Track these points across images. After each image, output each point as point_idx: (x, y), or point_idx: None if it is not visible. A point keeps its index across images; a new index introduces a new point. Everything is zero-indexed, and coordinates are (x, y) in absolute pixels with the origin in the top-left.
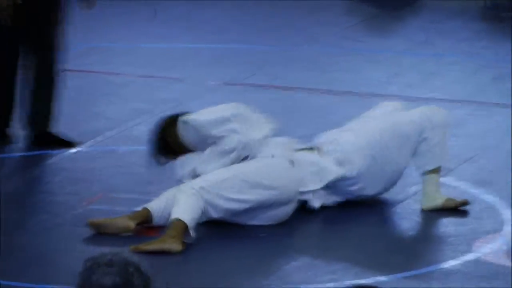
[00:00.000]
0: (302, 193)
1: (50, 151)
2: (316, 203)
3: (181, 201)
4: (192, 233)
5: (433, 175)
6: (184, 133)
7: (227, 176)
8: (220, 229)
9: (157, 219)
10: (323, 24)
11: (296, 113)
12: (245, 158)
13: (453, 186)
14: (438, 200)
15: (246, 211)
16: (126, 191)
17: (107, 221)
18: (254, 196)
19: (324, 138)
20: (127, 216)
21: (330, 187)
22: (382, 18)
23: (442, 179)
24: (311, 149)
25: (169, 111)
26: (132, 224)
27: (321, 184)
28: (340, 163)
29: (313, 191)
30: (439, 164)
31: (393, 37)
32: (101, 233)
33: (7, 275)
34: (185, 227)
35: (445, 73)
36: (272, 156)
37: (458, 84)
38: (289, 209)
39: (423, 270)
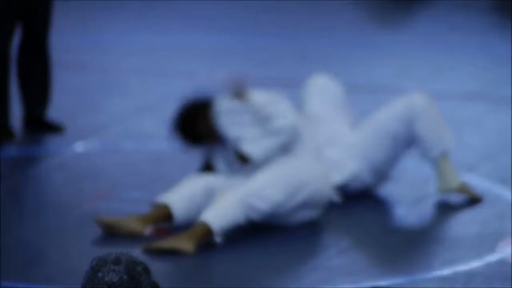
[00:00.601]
0: None
1: (49, 148)
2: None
3: (218, 205)
4: (218, 239)
5: (441, 160)
6: (224, 117)
7: (271, 179)
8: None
9: (179, 218)
10: (329, 16)
11: None
12: (288, 146)
13: (474, 184)
14: (453, 182)
15: (287, 213)
16: (132, 189)
17: (120, 222)
18: (298, 197)
19: (323, 138)
20: (141, 216)
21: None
22: (391, 10)
23: (463, 177)
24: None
25: (176, 107)
26: (142, 228)
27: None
28: (335, 166)
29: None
30: (441, 149)
31: (402, 30)
32: (109, 233)
33: (10, 275)
34: (208, 232)
35: (458, 68)
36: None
37: (472, 79)
38: (317, 212)
39: (444, 271)
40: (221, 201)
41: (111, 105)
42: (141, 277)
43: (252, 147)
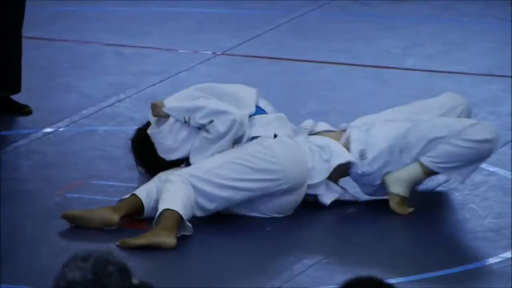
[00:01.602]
0: (310, 186)
1: (16, 131)
2: (326, 198)
3: (170, 191)
4: (187, 224)
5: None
6: (158, 142)
7: (222, 161)
8: (220, 223)
9: (149, 210)
10: None
11: (302, 88)
12: (240, 138)
13: (490, 172)
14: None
15: (245, 201)
16: (107, 177)
17: (86, 214)
18: (254, 183)
19: (356, 123)
20: (110, 207)
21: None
22: None
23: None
24: (332, 132)
25: (154, 86)
26: (115, 217)
27: (326, 174)
28: (361, 155)
29: (320, 184)
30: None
31: (410, 1)
32: (79, 227)
33: None
34: (178, 217)
35: (472, 43)
36: (274, 136)
37: (487, 56)
38: (295, 198)
39: (458, 269)
40: (170, 187)
41: (83, 84)
42: (109, 278)
43: (197, 158)
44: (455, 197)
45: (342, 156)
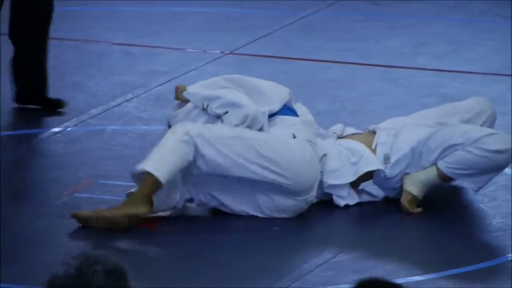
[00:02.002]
0: (333, 186)
1: (24, 131)
2: (341, 201)
3: (164, 147)
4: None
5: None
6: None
7: (236, 135)
8: (227, 221)
9: (166, 202)
10: None
11: (310, 87)
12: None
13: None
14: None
15: (242, 186)
16: (115, 177)
17: (97, 214)
18: (258, 168)
19: (386, 125)
20: (121, 206)
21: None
22: None
23: None
24: (360, 134)
25: (162, 85)
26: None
27: (353, 178)
28: (385, 159)
29: (343, 186)
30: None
31: (419, 0)
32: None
33: None
34: (157, 185)
35: (480, 42)
36: (294, 137)
37: (495, 55)
38: (298, 203)
39: (467, 268)
40: (168, 141)
41: (91, 84)
42: (92, 276)
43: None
44: (464, 197)
45: (372, 163)
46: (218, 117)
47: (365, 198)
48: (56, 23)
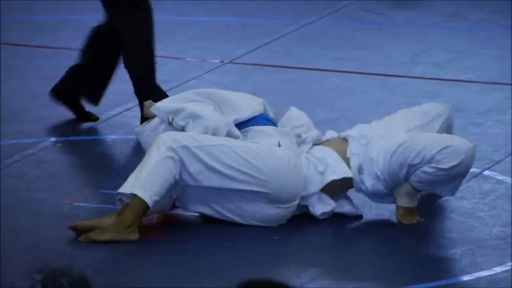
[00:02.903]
0: (303, 197)
1: (24, 140)
2: (316, 210)
3: (150, 166)
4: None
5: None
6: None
7: (221, 142)
8: (223, 229)
9: (155, 208)
10: None
11: (310, 96)
12: None
13: (498, 180)
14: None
15: (227, 194)
16: (115, 186)
17: (96, 223)
18: (243, 177)
19: (356, 132)
20: (116, 214)
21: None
22: None
23: (486, 172)
24: (334, 141)
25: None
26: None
27: (319, 186)
28: (359, 170)
29: (311, 195)
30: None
31: (417, 9)
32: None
33: None
34: (144, 209)
35: (478, 51)
36: (279, 145)
37: (494, 63)
38: (282, 212)
39: (467, 277)
40: (152, 158)
41: None
42: None
43: None
44: (463, 206)
45: (337, 172)
46: (182, 130)
47: (347, 208)
48: (55, 32)
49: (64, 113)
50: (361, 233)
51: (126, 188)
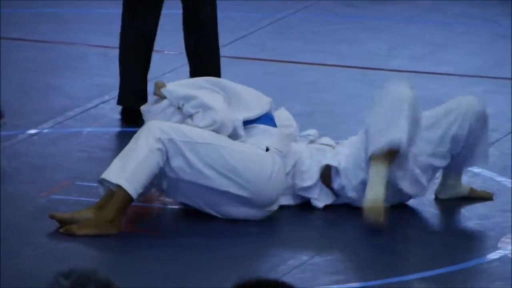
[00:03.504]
0: (305, 188)
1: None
2: (320, 202)
3: (138, 157)
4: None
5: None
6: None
7: (209, 141)
8: (202, 222)
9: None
10: None
11: (287, 89)
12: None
13: (475, 173)
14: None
15: (204, 191)
16: (92, 178)
17: (76, 216)
18: (223, 180)
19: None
20: (95, 206)
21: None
22: None
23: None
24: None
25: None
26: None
27: (317, 174)
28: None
29: (313, 186)
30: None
31: (395, 2)
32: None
33: None
34: (128, 201)
35: (456, 44)
36: (267, 150)
37: (472, 57)
38: (256, 214)
39: (444, 270)
40: (140, 150)
41: (68, 86)
42: None
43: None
44: (440, 198)
45: (332, 159)
46: (190, 116)
47: (344, 200)
48: (30, 25)
49: (40, 106)
50: (340, 225)
51: (111, 175)
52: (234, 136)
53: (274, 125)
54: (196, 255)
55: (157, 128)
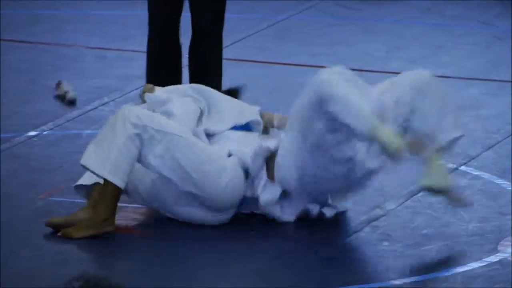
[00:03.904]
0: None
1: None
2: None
3: (118, 146)
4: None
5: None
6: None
7: (182, 134)
8: (194, 227)
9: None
10: None
11: (285, 91)
12: None
13: (475, 176)
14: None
15: (165, 185)
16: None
17: (71, 219)
18: (186, 177)
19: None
20: (89, 205)
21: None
22: None
23: (462, 168)
24: None
25: (138, 89)
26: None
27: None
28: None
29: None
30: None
31: (393, 3)
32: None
33: None
34: (118, 193)
35: (454, 46)
36: (229, 155)
37: (470, 59)
38: (219, 218)
39: (443, 273)
40: (118, 139)
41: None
42: None
43: None
44: (439, 201)
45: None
46: None
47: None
48: (28, 27)
49: (39, 108)
50: (334, 229)
51: (93, 164)
52: None
53: (247, 130)
54: (186, 258)
55: (133, 114)
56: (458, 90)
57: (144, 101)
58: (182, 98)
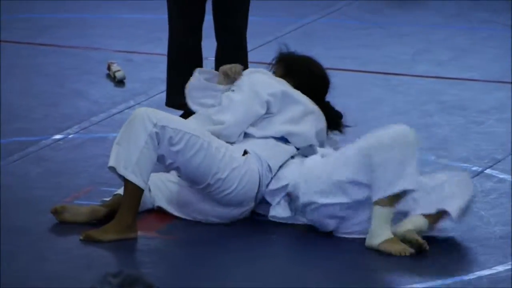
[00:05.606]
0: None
1: (26, 138)
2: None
3: (139, 146)
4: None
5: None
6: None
7: (196, 133)
8: (218, 228)
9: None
10: None
11: None
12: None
13: (500, 179)
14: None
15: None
16: (116, 184)
17: (74, 206)
18: (204, 172)
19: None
20: (97, 205)
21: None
22: None
23: (488, 171)
24: None
25: (164, 93)
26: (103, 209)
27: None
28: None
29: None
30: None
31: (420, 8)
32: (67, 222)
33: None
34: (139, 193)
35: (481, 50)
36: (245, 153)
37: (496, 62)
38: (231, 212)
39: (466, 277)
40: (139, 142)
41: (93, 91)
42: None
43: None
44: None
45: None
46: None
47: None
48: (55, 30)
49: (65, 111)
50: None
51: (118, 164)
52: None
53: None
54: (208, 259)
55: (152, 114)
56: (484, 94)
57: (232, 81)
58: (251, 93)
